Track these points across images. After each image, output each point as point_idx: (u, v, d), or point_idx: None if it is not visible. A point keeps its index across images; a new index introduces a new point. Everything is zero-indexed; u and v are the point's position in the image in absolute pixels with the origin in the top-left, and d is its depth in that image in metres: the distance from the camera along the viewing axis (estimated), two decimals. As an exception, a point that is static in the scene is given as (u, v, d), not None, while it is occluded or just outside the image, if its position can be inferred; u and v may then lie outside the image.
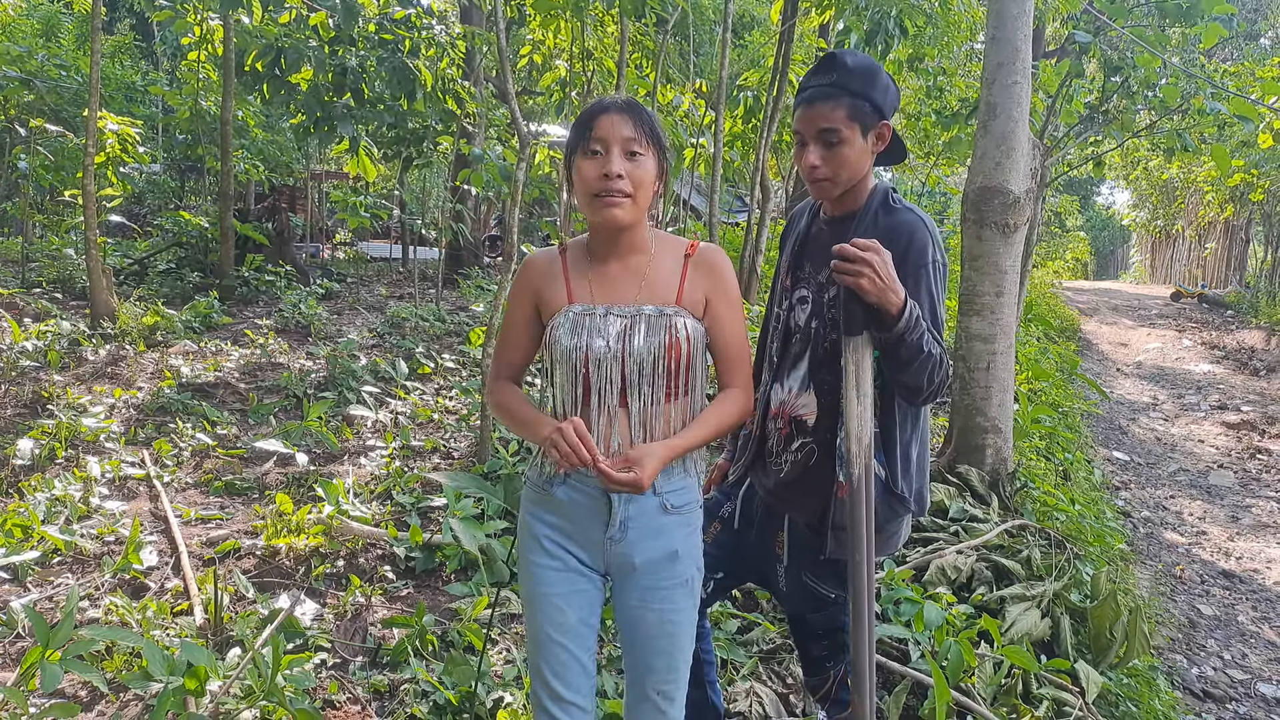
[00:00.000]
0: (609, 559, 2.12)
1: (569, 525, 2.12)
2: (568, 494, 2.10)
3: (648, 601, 2.13)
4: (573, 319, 2.07)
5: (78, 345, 7.80)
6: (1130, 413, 10.87)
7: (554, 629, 2.11)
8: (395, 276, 15.28)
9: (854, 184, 2.32)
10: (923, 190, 16.92)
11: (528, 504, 2.18)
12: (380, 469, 5.50)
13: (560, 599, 2.12)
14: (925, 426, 2.38)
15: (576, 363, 2.05)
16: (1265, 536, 6.65)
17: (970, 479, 5.20)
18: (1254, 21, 27.78)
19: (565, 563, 2.13)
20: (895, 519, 2.34)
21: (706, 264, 2.15)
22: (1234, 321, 18.33)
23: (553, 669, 2.11)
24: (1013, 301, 5.34)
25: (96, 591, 3.85)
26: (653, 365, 2.05)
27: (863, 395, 2.08)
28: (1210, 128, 9.25)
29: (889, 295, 1.99)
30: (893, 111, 2.29)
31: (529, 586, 2.15)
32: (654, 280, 2.11)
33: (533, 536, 2.14)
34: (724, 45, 7.10)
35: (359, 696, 3.18)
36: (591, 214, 2.05)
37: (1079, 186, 38.70)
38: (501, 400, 2.18)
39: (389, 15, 8.53)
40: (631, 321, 2.06)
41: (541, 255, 2.17)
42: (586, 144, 2.02)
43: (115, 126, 10.42)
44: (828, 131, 2.22)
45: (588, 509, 2.09)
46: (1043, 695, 3.41)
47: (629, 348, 2.04)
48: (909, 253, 2.17)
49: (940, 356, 2.12)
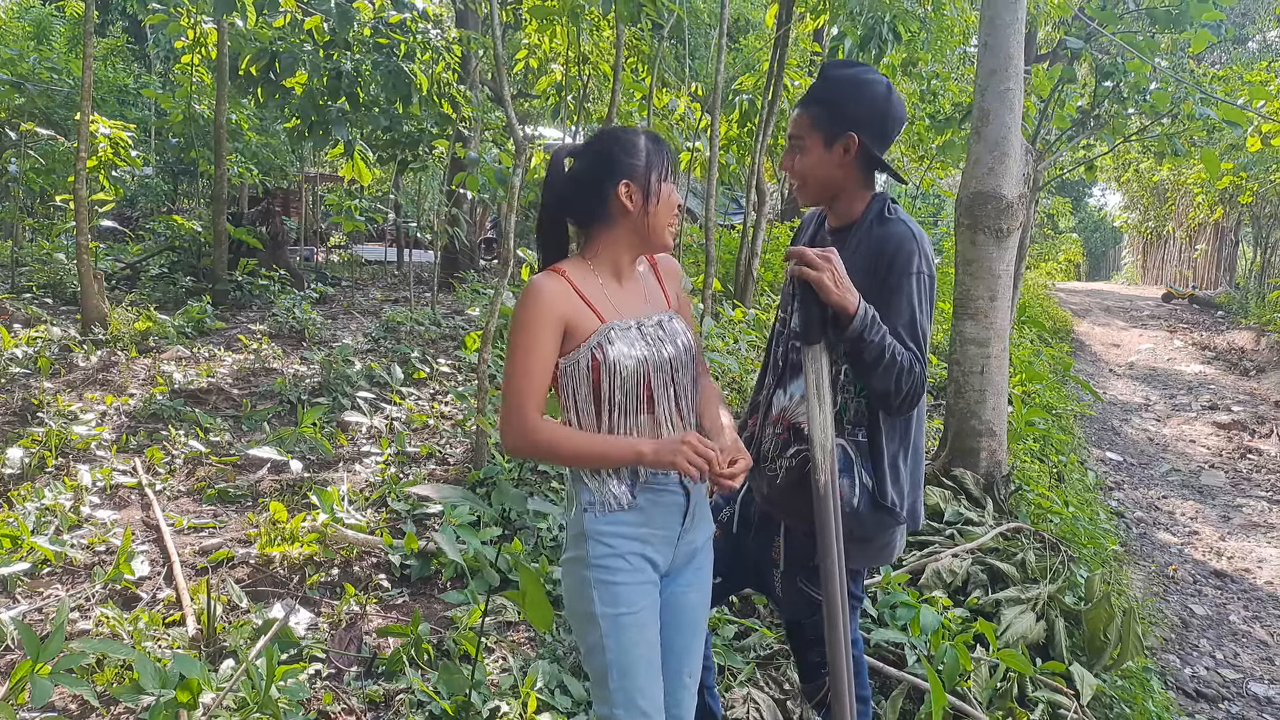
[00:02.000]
0: (678, 552, 2.22)
1: (648, 530, 2.14)
2: (648, 498, 2.14)
3: (694, 584, 2.28)
4: (621, 334, 2.10)
5: (68, 351, 7.77)
6: (1123, 413, 10.90)
7: (647, 648, 2.13)
8: (390, 280, 15.26)
9: (834, 192, 2.38)
10: (916, 193, 16.96)
11: (598, 535, 2.11)
12: (375, 475, 5.49)
13: (647, 613, 2.14)
14: (918, 441, 2.39)
15: (640, 374, 2.09)
16: (1256, 536, 6.67)
17: (965, 482, 5.21)
18: (1242, 26, 27.90)
19: (646, 574, 2.15)
20: (885, 531, 2.35)
21: (671, 271, 2.35)
22: (1224, 322, 18.40)
23: (645, 693, 2.11)
24: (1006, 305, 5.35)
25: (87, 603, 3.83)
26: (685, 365, 2.20)
27: (823, 403, 2.15)
28: (1200, 132, 9.30)
29: (847, 294, 2.08)
30: (871, 125, 2.28)
31: (620, 611, 2.10)
32: (650, 292, 2.25)
33: (618, 558, 2.10)
34: (719, 50, 7.11)
35: (354, 707, 3.17)
36: (659, 236, 2.18)
37: (1071, 188, 38.80)
38: (556, 436, 2.07)
39: (384, 19, 8.51)
40: (663, 329, 2.18)
41: (554, 281, 2.10)
42: (672, 173, 2.18)
43: (107, 130, 10.39)
44: (794, 137, 2.36)
45: (667, 506, 2.16)
46: (1038, 698, 3.42)
47: (676, 353, 2.16)
48: (895, 260, 2.21)
49: (909, 363, 2.15)
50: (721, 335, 7.43)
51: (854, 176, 2.33)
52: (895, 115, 2.32)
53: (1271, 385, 12.56)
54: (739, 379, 6.92)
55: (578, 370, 2.08)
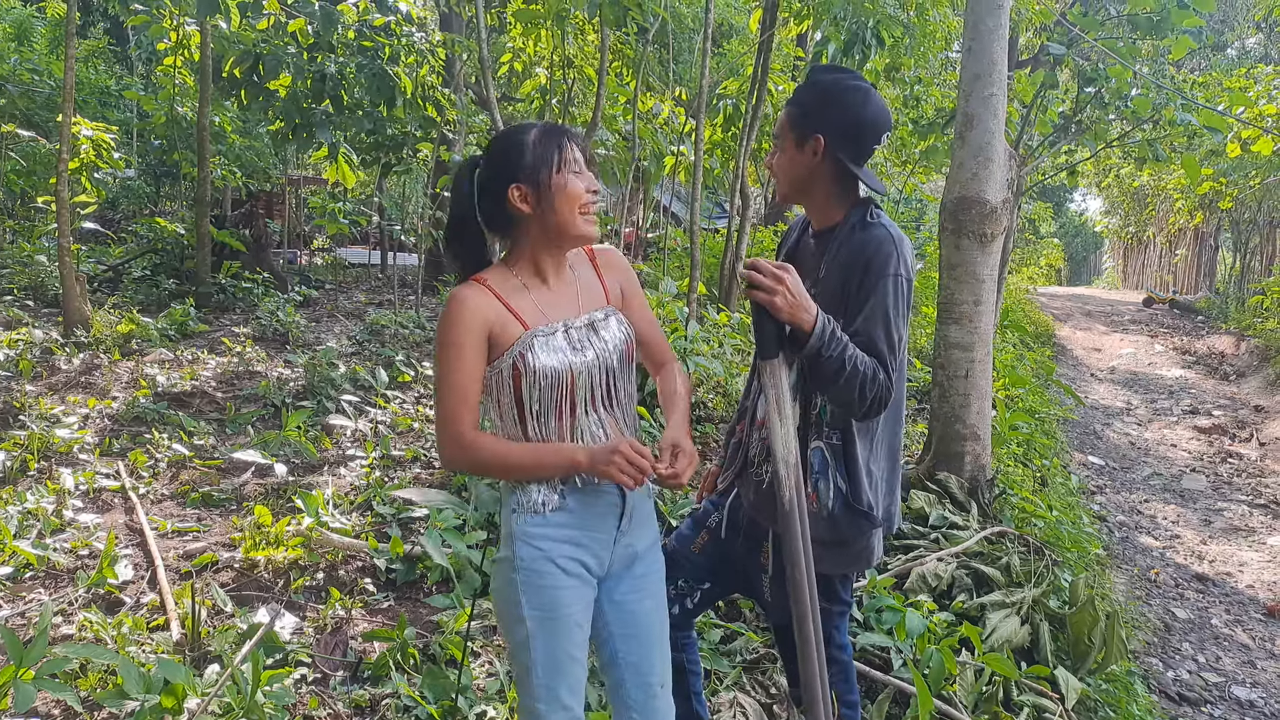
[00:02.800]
0: (614, 555, 2.18)
1: (581, 533, 2.13)
2: (579, 499, 2.12)
3: (643, 591, 2.25)
4: (542, 341, 2.08)
5: (50, 354, 7.72)
6: (1105, 418, 10.97)
7: (575, 648, 2.14)
8: (374, 283, 15.21)
9: (804, 191, 2.40)
10: (899, 198, 17.03)
11: (525, 537, 2.11)
12: (360, 479, 5.46)
13: (580, 616, 2.14)
14: (893, 444, 2.40)
15: (562, 382, 2.08)
16: (1237, 539, 6.72)
17: (950, 486, 5.23)
18: (1221, 34, 28.13)
19: (581, 578, 2.14)
20: (861, 535, 2.36)
21: (611, 262, 2.30)
22: (1204, 327, 18.54)
23: (570, 687, 2.14)
24: (990, 310, 5.38)
25: (70, 607, 3.80)
26: (619, 364, 2.16)
27: (784, 418, 2.10)
28: (1180, 137, 9.38)
29: (800, 314, 2.06)
30: (840, 130, 2.28)
31: (547, 614, 2.11)
32: (586, 287, 2.21)
33: (546, 561, 2.10)
34: (704, 54, 7.12)
35: (340, 712, 3.16)
36: (574, 228, 2.09)
37: (1053, 193, 39.01)
38: (493, 450, 2.08)
39: (368, 22, 8.50)
40: (592, 329, 2.14)
41: (474, 291, 2.08)
42: (565, 162, 2.07)
43: (89, 132, 10.33)
44: (775, 135, 2.41)
45: (601, 508, 2.14)
46: (1023, 702, 3.44)
47: (603, 354, 2.12)
48: (873, 263, 2.21)
49: (872, 371, 2.14)
50: (706, 339, 7.44)
51: (825, 178, 2.34)
52: (869, 122, 2.29)
53: (1251, 389, 12.67)
54: (724, 382, 6.93)
55: (501, 378, 2.09)
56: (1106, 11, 8.41)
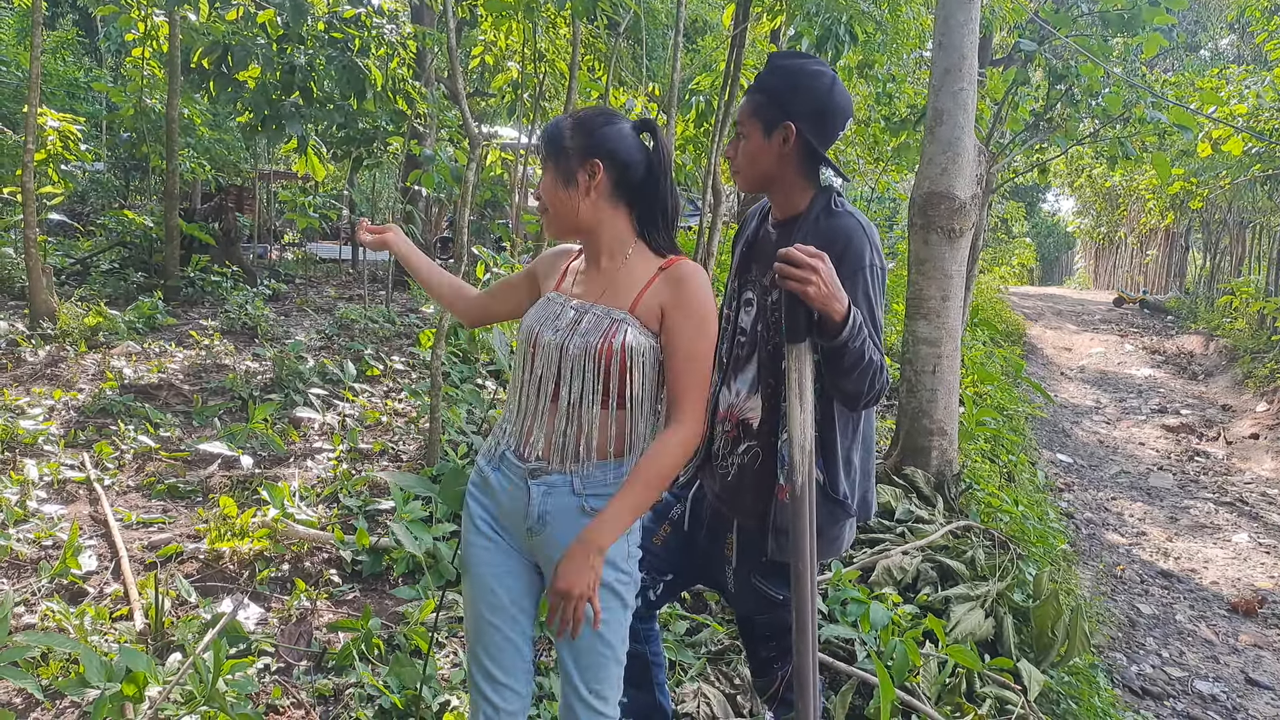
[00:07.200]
0: (533, 550, 2.16)
1: (499, 510, 2.18)
2: (499, 480, 2.16)
3: None
4: (540, 304, 2.20)
5: (16, 346, 7.63)
6: (1074, 416, 11.07)
7: (487, 609, 2.17)
8: (344, 278, 15.11)
9: (771, 180, 2.38)
10: (872, 196, 17.08)
11: (472, 485, 2.23)
12: (327, 472, 5.44)
13: (493, 578, 2.17)
14: (868, 433, 2.40)
15: (526, 345, 2.14)
16: (1202, 537, 6.80)
17: (916, 480, 5.26)
18: (1194, 34, 28.42)
19: (497, 543, 2.18)
20: (835, 524, 2.36)
21: (675, 277, 2.10)
22: (1174, 327, 18.73)
23: (487, 650, 2.18)
24: (959, 306, 5.41)
25: (33, 597, 3.76)
26: (583, 363, 2.06)
27: (805, 403, 2.06)
28: (1151, 136, 9.44)
29: (833, 303, 1.98)
30: (811, 116, 2.27)
31: (466, 566, 2.22)
32: (619, 285, 2.12)
33: (469, 515, 2.22)
34: (676, 49, 7.11)
35: (303, 701, 3.14)
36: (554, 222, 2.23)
37: (1025, 193, 39.26)
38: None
39: (338, 14, 8.43)
40: (577, 316, 2.11)
41: (557, 248, 2.33)
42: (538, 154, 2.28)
43: (56, 123, 10.18)
44: (738, 124, 2.37)
45: (512, 497, 2.14)
46: (986, 694, 3.46)
47: (567, 341, 2.08)
48: (845, 256, 2.18)
49: (880, 363, 2.13)
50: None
51: (793, 167, 2.33)
52: (836, 108, 2.29)
53: (1219, 389, 12.81)
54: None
55: None
56: (1078, 8, 8.46)
